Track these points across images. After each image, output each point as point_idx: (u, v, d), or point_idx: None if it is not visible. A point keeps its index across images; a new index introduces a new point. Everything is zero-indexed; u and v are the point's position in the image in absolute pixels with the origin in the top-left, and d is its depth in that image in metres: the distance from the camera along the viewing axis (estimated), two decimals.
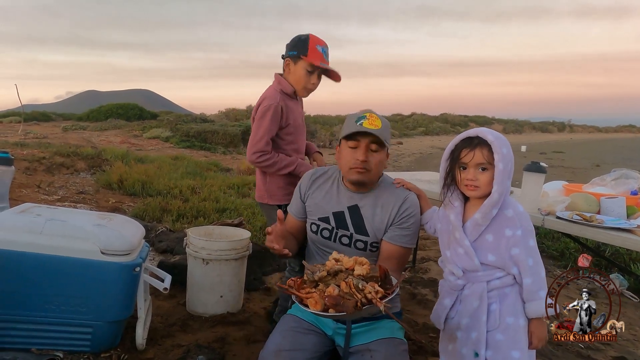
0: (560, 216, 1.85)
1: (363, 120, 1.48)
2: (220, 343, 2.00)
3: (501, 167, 1.26)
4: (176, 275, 2.28)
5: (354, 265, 1.26)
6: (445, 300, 1.42)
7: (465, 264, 1.36)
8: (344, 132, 1.50)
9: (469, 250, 1.34)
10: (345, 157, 1.51)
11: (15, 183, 4.48)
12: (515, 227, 1.28)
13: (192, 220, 3.94)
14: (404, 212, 1.53)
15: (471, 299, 1.35)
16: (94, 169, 6.14)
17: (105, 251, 1.69)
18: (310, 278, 1.25)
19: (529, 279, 1.28)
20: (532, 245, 1.28)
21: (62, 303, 1.67)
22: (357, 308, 1.14)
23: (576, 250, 3.82)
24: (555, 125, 49.97)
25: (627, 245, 1.66)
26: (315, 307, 1.18)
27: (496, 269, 1.33)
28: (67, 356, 1.68)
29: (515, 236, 1.28)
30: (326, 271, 1.25)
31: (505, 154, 1.27)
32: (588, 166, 13.02)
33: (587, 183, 2.25)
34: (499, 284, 1.32)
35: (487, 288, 1.33)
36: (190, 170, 6.56)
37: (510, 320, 1.30)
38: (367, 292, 1.15)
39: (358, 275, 1.23)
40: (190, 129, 12.26)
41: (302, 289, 1.25)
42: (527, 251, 1.27)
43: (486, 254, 1.33)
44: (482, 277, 1.34)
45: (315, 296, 1.19)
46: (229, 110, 20.73)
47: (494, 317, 1.32)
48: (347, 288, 1.18)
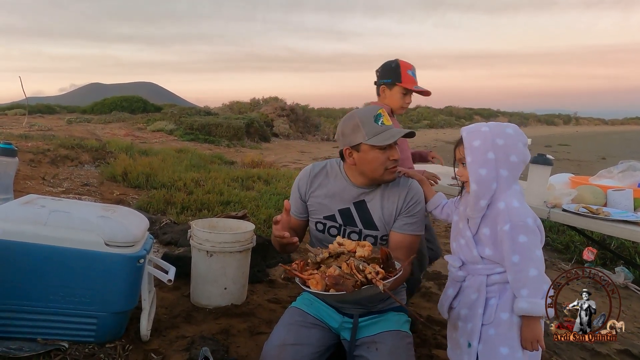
0: (566, 209, 1.83)
1: (382, 118, 1.45)
2: (224, 335, 2.01)
3: (469, 159, 1.28)
4: (180, 267, 2.29)
5: (356, 248, 1.28)
6: (449, 290, 1.44)
7: (465, 255, 1.38)
8: (377, 140, 1.41)
9: (469, 242, 1.35)
10: (375, 160, 1.44)
11: (19, 175, 4.50)
12: (503, 222, 1.25)
13: (196, 213, 3.94)
14: (409, 200, 1.52)
15: (469, 291, 1.36)
16: (98, 162, 6.16)
17: (109, 243, 1.69)
18: (313, 260, 1.26)
19: (511, 275, 1.26)
20: (523, 241, 1.23)
21: (67, 294, 1.68)
22: (355, 287, 1.15)
23: (581, 244, 3.79)
24: (561, 118, 49.53)
25: (634, 238, 1.64)
26: (316, 287, 1.19)
27: (496, 264, 1.32)
28: (72, 346, 1.70)
29: (503, 230, 1.25)
30: (328, 253, 1.27)
31: (476, 146, 1.28)
32: (594, 159, 12.92)
33: (594, 175, 2.23)
34: (499, 279, 1.32)
35: (486, 282, 1.33)
36: (194, 163, 6.56)
37: (504, 316, 1.29)
38: (367, 273, 1.16)
39: (359, 257, 1.23)
40: (195, 122, 12.26)
41: (305, 271, 1.26)
42: (513, 247, 1.23)
43: (484, 248, 1.33)
44: (482, 270, 1.34)
45: (317, 277, 1.20)
46: (233, 103, 20.70)
47: (490, 312, 1.32)
48: (348, 269, 1.19)
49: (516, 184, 1.33)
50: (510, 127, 1.32)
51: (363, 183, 1.52)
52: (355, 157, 1.47)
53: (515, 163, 1.29)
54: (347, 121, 1.48)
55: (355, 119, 1.46)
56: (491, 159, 1.27)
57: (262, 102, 19.50)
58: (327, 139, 15.73)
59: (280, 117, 15.62)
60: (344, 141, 1.49)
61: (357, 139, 1.44)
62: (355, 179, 1.52)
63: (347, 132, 1.47)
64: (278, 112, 15.81)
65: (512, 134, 1.30)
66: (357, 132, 1.44)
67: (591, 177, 2.22)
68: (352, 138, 1.45)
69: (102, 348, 1.74)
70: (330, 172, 1.59)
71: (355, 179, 1.53)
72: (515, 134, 1.31)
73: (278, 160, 9.24)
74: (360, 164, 1.47)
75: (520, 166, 1.31)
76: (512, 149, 1.28)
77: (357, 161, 1.47)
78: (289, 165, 8.64)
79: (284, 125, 15.19)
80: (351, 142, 1.46)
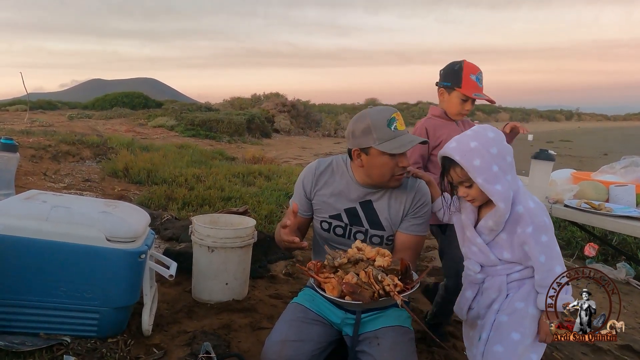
0: (568, 204, 1.82)
1: (395, 123, 1.41)
2: (226, 330, 2.02)
3: (480, 181, 1.25)
4: (182, 262, 2.29)
5: (376, 256, 1.25)
6: (467, 293, 1.43)
7: (481, 260, 1.37)
8: (387, 146, 1.38)
9: (482, 248, 1.35)
10: (383, 166, 1.41)
11: (21, 170, 4.51)
12: (525, 225, 1.26)
13: (198, 209, 3.95)
14: (417, 201, 1.51)
15: (490, 292, 1.37)
16: (99, 157, 6.16)
17: (110, 238, 1.70)
18: (331, 263, 1.24)
19: (539, 275, 1.27)
20: (545, 240, 1.25)
21: (69, 289, 1.68)
22: (373, 299, 1.14)
23: (583, 239, 3.79)
24: (563, 114, 49.36)
25: (636, 234, 1.63)
26: (332, 292, 1.17)
27: (515, 263, 1.33)
28: (74, 341, 1.70)
29: (525, 233, 1.26)
30: (347, 258, 1.25)
31: (479, 166, 1.25)
32: (596, 155, 12.88)
33: (596, 171, 2.22)
34: (519, 276, 1.33)
35: (507, 280, 1.34)
36: (195, 158, 6.56)
37: (519, 305, 1.31)
38: (385, 284, 1.14)
39: (379, 267, 1.22)
40: (195, 118, 12.25)
41: (321, 273, 1.24)
42: (538, 247, 1.26)
43: (501, 251, 1.33)
44: (502, 270, 1.35)
45: (333, 281, 1.19)
46: (234, 99, 20.66)
47: (505, 302, 1.33)
48: (366, 278, 1.17)
49: (518, 180, 1.33)
50: (489, 130, 1.31)
51: (369, 183, 1.51)
52: (363, 160, 1.45)
53: (511, 163, 1.30)
54: (359, 121, 1.44)
55: (367, 121, 1.41)
56: (496, 171, 1.26)
57: (263, 97, 19.46)
58: (329, 134, 15.70)
59: (281, 112, 15.59)
60: (353, 142, 1.45)
61: (367, 142, 1.41)
62: (362, 178, 1.51)
63: (357, 134, 1.43)
64: (279, 108, 15.78)
65: (496, 136, 1.30)
66: (367, 135, 1.41)
67: (593, 173, 2.21)
68: (362, 140, 1.42)
69: (104, 343, 1.74)
70: (336, 169, 1.56)
71: (361, 178, 1.51)
72: (497, 135, 1.31)
73: (279, 156, 9.23)
74: (367, 167, 1.45)
75: (513, 162, 1.31)
76: (504, 152, 1.29)
77: (365, 164, 1.45)
78: (290, 161, 8.63)
79: (285, 121, 15.16)
80: (361, 145, 1.43)
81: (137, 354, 1.74)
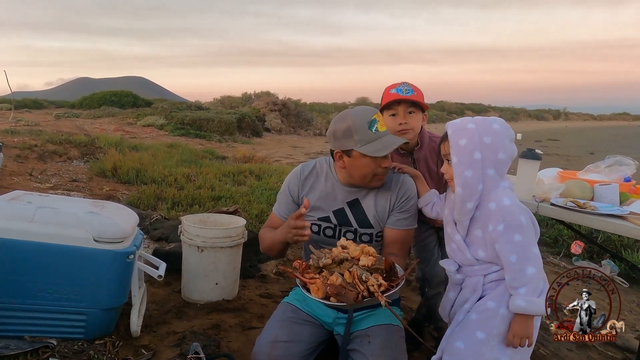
0: (554, 203, 1.85)
1: (376, 124, 1.40)
2: (216, 330, 2.01)
3: (455, 159, 1.24)
4: (171, 262, 2.27)
5: (360, 255, 1.26)
6: (450, 294, 1.42)
7: (459, 259, 1.36)
8: (369, 149, 1.37)
9: (460, 245, 1.33)
10: (365, 167, 1.41)
11: (6, 171, 4.43)
12: (497, 222, 1.22)
13: (187, 208, 3.92)
14: (402, 196, 1.52)
15: (465, 291, 1.35)
16: (87, 157, 6.08)
17: (98, 239, 1.68)
18: (315, 264, 1.24)
19: (509, 275, 1.23)
20: (518, 240, 1.20)
21: (56, 290, 1.66)
22: (357, 300, 1.14)
23: (569, 237, 3.85)
24: (551, 113, 50.05)
25: (619, 232, 1.66)
26: (317, 293, 1.18)
27: (492, 263, 1.30)
28: (60, 343, 1.68)
29: (496, 231, 1.22)
30: (332, 258, 1.25)
31: (462, 146, 1.23)
32: (582, 154, 13.08)
33: (582, 170, 2.25)
34: (496, 276, 1.30)
35: (483, 281, 1.31)
36: (185, 158, 6.51)
37: (491, 305, 1.28)
38: (370, 285, 1.15)
39: (363, 266, 1.22)
40: (185, 117, 12.15)
41: (307, 274, 1.24)
42: (509, 247, 1.21)
43: (477, 250, 1.31)
44: (479, 270, 1.32)
45: (318, 282, 1.19)
46: (224, 97, 20.54)
47: (478, 303, 1.31)
48: (350, 278, 1.18)
49: (504, 181, 1.29)
50: (496, 122, 1.29)
51: (352, 184, 1.52)
52: (345, 161, 1.45)
53: (502, 160, 1.26)
54: (340, 123, 1.44)
55: (348, 122, 1.41)
56: (477, 159, 1.23)
57: (253, 96, 19.38)
58: (320, 133, 15.70)
59: (272, 111, 15.55)
60: (335, 143, 1.46)
61: (348, 144, 1.41)
62: (345, 179, 1.52)
63: (338, 135, 1.43)
64: (270, 107, 15.73)
65: (499, 129, 1.27)
66: (349, 137, 1.40)
67: (579, 172, 2.25)
68: (344, 142, 1.42)
69: (92, 345, 1.72)
70: (320, 172, 1.57)
71: (344, 179, 1.52)
72: (502, 130, 1.27)
73: (270, 155, 9.21)
74: (349, 168, 1.46)
75: (507, 163, 1.28)
76: (499, 146, 1.25)
77: (347, 165, 1.46)
78: (281, 160, 8.61)
79: (276, 120, 15.12)
80: (342, 147, 1.43)
81: (125, 355, 1.72)
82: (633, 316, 2.76)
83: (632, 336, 2.48)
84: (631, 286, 3.22)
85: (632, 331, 2.55)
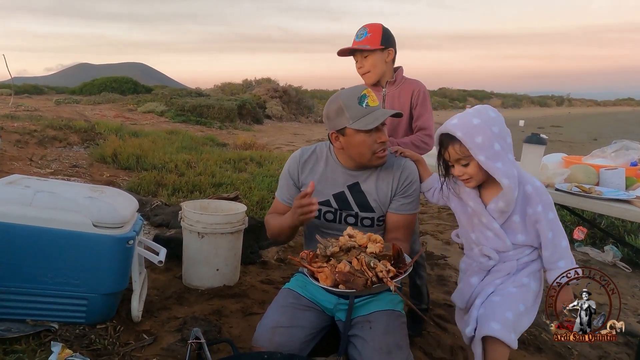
0: (559, 188, 1.82)
1: (367, 99, 1.39)
2: (217, 315, 2.01)
3: (482, 158, 1.25)
4: (172, 248, 2.27)
5: (367, 243, 1.25)
6: (473, 279, 1.42)
7: (496, 246, 1.37)
8: (360, 123, 1.37)
9: (499, 233, 1.35)
10: (361, 144, 1.40)
11: (6, 156, 4.42)
12: (535, 203, 1.29)
13: (188, 195, 3.91)
14: (404, 180, 1.50)
15: (499, 274, 1.38)
16: (87, 143, 6.05)
17: (97, 224, 1.66)
18: (323, 253, 1.24)
19: (548, 251, 1.31)
20: (552, 217, 1.30)
21: (56, 275, 1.65)
22: (366, 286, 1.13)
23: (572, 223, 3.83)
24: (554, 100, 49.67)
25: (625, 216, 1.64)
26: (325, 282, 1.17)
27: (526, 247, 1.35)
28: (62, 327, 1.68)
29: (537, 212, 1.30)
30: (338, 247, 1.24)
31: (481, 143, 1.24)
32: (586, 140, 12.99)
33: (588, 155, 2.22)
34: (527, 259, 1.37)
35: (516, 265, 1.37)
36: (185, 144, 6.48)
37: (525, 280, 1.35)
38: (378, 271, 1.14)
39: (370, 253, 1.21)
40: (186, 103, 12.06)
41: (314, 263, 1.24)
42: (547, 225, 1.29)
43: (515, 235, 1.35)
44: (513, 255, 1.37)
45: (327, 271, 1.18)
46: (224, 84, 20.38)
47: (513, 278, 1.37)
48: (358, 265, 1.17)
49: (516, 163, 1.34)
50: (489, 109, 1.31)
51: (353, 166, 1.50)
52: (341, 141, 1.44)
53: (510, 144, 1.30)
54: (331, 104, 1.44)
55: (339, 102, 1.41)
56: (498, 149, 1.26)
57: (254, 83, 19.22)
58: (321, 120, 15.61)
59: (273, 98, 15.43)
60: (329, 125, 1.45)
61: (341, 122, 1.41)
62: (345, 161, 1.50)
63: (331, 116, 1.43)
64: (271, 94, 15.61)
65: (496, 116, 1.30)
66: (341, 115, 1.40)
67: (584, 157, 2.22)
68: (337, 122, 1.42)
69: (93, 329, 1.72)
70: (320, 156, 1.56)
71: (345, 161, 1.50)
72: (498, 115, 1.31)
73: (271, 142, 9.16)
74: (347, 148, 1.45)
75: (512, 144, 1.32)
76: (505, 131, 1.29)
77: (344, 145, 1.45)
78: (281, 147, 8.57)
79: (276, 107, 15.02)
80: (336, 126, 1.43)
81: (126, 340, 1.73)
82: (636, 300, 2.76)
83: (634, 320, 2.48)
84: (634, 271, 3.22)
85: (634, 315, 2.55)
